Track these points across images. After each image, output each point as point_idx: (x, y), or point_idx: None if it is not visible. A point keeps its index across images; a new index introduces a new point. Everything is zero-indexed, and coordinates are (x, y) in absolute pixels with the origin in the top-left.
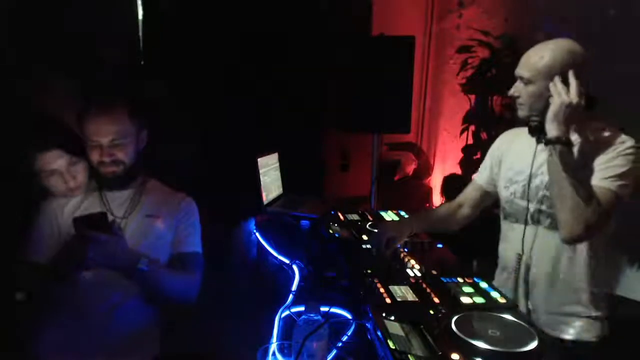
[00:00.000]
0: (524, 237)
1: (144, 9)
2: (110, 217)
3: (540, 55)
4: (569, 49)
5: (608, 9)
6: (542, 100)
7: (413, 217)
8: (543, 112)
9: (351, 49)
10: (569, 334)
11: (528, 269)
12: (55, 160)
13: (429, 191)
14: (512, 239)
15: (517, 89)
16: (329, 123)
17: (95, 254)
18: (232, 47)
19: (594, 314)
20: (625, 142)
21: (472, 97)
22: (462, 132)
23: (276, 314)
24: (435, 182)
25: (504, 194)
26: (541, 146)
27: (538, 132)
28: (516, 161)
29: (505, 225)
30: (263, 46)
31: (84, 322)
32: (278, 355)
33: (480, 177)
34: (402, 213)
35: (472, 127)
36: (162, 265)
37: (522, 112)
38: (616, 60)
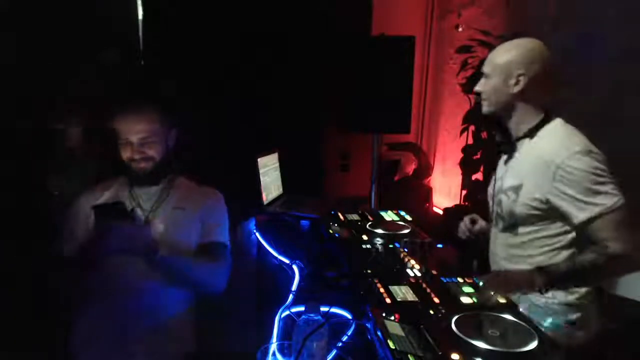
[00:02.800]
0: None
1: (144, 9)
2: (135, 208)
3: (500, 52)
4: (531, 48)
5: (606, 9)
6: (502, 95)
7: None
8: (504, 107)
9: (351, 49)
10: None
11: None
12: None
13: (429, 191)
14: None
15: (480, 85)
16: (329, 123)
17: (115, 240)
18: (232, 47)
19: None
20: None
21: (472, 97)
22: (462, 132)
23: (276, 314)
24: (436, 182)
25: None
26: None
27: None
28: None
29: None
30: (263, 46)
31: (114, 311)
32: (278, 355)
33: None
34: (402, 213)
35: (472, 127)
36: (188, 253)
37: (485, 108)
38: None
